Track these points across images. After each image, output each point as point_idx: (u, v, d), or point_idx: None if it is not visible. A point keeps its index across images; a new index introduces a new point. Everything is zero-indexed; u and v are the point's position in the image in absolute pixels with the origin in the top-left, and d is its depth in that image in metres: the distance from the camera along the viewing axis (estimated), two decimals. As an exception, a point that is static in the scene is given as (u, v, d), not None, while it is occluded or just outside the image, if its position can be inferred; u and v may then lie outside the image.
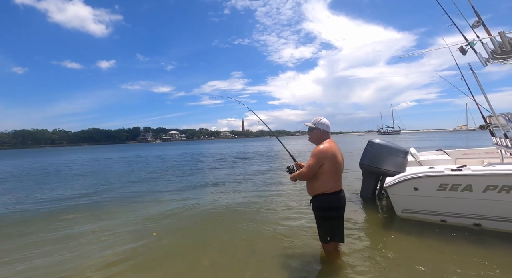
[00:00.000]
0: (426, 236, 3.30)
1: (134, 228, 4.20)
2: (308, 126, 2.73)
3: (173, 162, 17.56)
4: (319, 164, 2.47)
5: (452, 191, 3.42)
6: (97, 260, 3.08)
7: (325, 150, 2.48)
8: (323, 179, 2.50)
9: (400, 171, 4.83)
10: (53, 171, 14.72)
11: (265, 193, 6.41)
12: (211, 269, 2.80)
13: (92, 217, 5.03)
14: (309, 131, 2.73)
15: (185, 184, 8.37)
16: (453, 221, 3.54)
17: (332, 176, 2.50)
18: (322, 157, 2.46)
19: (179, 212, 5.03)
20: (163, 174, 11.42)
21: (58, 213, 5.43)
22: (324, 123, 2.67)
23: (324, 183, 2.50)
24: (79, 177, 11.66)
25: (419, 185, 3.65)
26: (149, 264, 2.95)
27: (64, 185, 9.29)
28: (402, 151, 4.87)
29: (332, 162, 2.46)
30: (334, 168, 2.48)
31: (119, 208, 5.66)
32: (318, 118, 2.70)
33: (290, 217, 4.35)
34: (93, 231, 4.17)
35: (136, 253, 3.23)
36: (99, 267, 2.91)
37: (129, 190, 7.77)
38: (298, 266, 2.72)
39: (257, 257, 2.97)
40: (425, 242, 3.16)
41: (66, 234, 4.08)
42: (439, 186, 3.50)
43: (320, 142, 2.62)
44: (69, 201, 6.55)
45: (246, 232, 3.76)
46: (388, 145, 4.92)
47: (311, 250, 3.03)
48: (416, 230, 3.50)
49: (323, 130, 2.64)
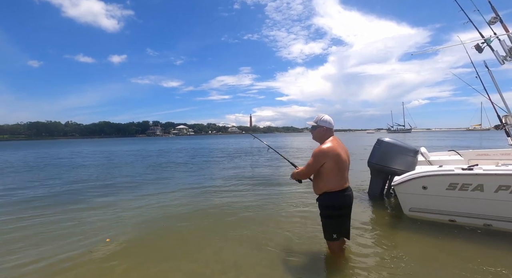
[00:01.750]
0: (434, 235, 3.27)
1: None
2: (311, 125, 2.73)
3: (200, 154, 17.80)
4: (319, 163, 2.48)
5: (462, 190, 3.38)
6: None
7: (326, 149, 2.48)
8: (326, 177, 2.51)
9: (409, 170, 4.76)
10: (59, 162, 15.18)
11: (270, 189, 6.46)
12: (215, 261, 2.87)
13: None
14: (312, 129, 2.73)
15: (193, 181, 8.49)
16: (462, 221, 3.50)
17: (335, 175, 2.50)
18: (323, 156, 2.47)
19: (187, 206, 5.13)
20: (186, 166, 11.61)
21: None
22: (327, 121, 2.66)
23: (328, 182, 2.51)
24: (92, 167, 12.00)
25: (428, 184, 3.61)
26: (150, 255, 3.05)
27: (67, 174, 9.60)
28: (412, 150, 4.80)
29: (335, 160, 2.46)
30: (337, 167, 2.47)
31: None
32: (320, 115, 2.70)
33: (295, 214, 4.38)
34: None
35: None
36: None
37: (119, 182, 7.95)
38: (302, 264, 2.74)
39: (261, 254, 2.98)
40: (433, 242, 3.14)
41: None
42: (448, 185, 3.46)
43: (323, 139, 2.62)
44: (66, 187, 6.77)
45: (251, 228, 3.81)
46: (397, 143, 4.87)
47: (317, 247, 3.06)
48: (424, 229, 3.47)
49: (326, 127, 2.64)
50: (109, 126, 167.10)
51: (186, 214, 4.58)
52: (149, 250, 3.18)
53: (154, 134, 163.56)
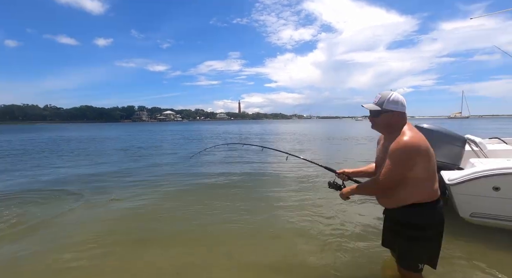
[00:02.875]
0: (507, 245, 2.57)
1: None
2: (373, 109, 1.75)
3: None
4: (410, 165, 1.58)
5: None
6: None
7: (416, 141, 1.57)
8: (415, 183, 1.63)
9: (456, 163, 3.98)
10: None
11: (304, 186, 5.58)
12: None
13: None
14: (372, 116, 1.78)
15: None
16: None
17: (432, 177, 1.64)
18: (415, 154, 1.56)
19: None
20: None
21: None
22: (397, 102, 1.70)
23: (418, 189, 1.63)
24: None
25: (502, 184, 2.80)
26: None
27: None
28: (460, 138, 3.99)
29: (428, 158, 1.59)
30: (431, 167, 1.62)
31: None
32: (385, 94, 1.72)
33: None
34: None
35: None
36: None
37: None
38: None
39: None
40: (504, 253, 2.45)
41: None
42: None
43: (397, 129, 1.68)
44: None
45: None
46: (442, 130, 4.01)
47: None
48: (492, 237, 2.74)
49: (398, 112, 1.69)
50: (91, 110, 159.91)
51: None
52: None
53: (140, 120, 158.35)
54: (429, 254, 1.73)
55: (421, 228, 1.67)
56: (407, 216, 1.70)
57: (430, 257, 1.74)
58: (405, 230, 1.72)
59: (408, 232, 1.71)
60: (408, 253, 1.75)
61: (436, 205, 1.68)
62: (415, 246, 1.71)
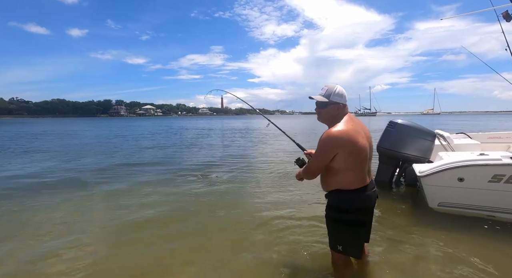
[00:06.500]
0: (472, 232, 2.81)
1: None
2: (319, 101, 1.84)
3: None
4: (329, 154, 1.71)
5: (509, 183, 2.86)
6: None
7: (337, 135, 1.69)
8: (339, 172, 1.76)
9: (426, 156, 4.27)
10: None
11: (278, 181, 5.66)
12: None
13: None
14: (320, 108, 1.86)
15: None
16: (504, 216, 3.03)
17: (352, 168, 1.74)
18: (334, 144, 1.69)
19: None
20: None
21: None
22: (342, 95, 1.82)
23: (341, 176, 1.76)
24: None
25: (466, 175, 3.05)
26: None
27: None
28: (430, 133, 4.27)
29: (349, 149, 1.68)
30: (353, 158, 1.70)
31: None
32: (332, 87, 1.82)
33: (298, 209, 3.64)
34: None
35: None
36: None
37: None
38: (298, 271, 2.22)
39: (253, 255, 2.43)
40: (471, 240, 2.68)
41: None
42: (492, 177, 2.92)
43: (335, 121, 1.79)
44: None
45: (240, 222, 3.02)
46: (413, 126, 4.29)
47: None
48: (458, 225, 2.98)
49: (342, 104, 1.81)
50: (64, 104, 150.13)
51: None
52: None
53: (118, 115, 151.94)
54: (350, 239, 1.85)
55: (341, 211, 1.82)
56: (330, 199, 1.88)
57: (355, 244, 1.86)
58: (328, 212, 1.90)
59: (331, 214, 1.88)
60: (329, 233, 1.93)
61: (358, 193, 1.77)
62: (334, 227, 1.89)
